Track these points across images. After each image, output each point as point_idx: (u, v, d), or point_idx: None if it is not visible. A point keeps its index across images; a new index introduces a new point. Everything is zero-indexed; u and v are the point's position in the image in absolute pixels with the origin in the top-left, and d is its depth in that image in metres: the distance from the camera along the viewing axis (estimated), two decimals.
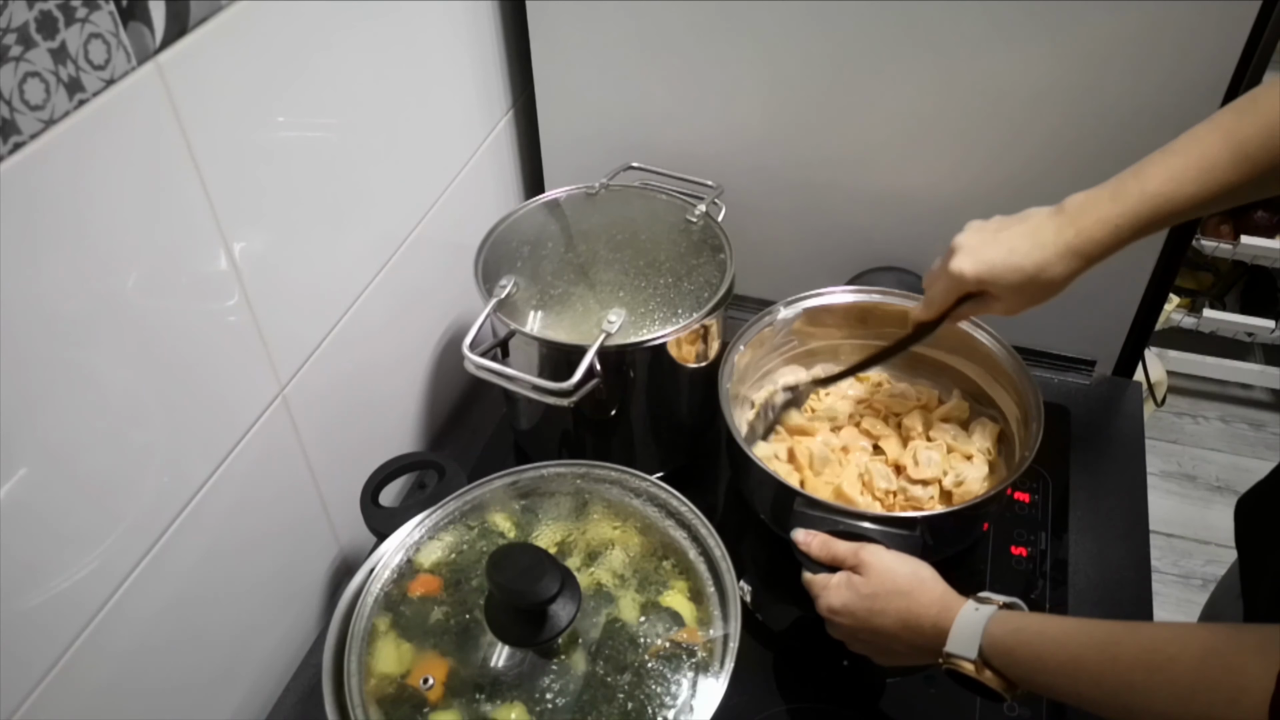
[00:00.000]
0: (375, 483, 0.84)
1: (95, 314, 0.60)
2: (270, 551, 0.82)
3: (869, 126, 0.99)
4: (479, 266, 0.91)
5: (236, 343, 0.73)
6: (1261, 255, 2.00)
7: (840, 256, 1.08)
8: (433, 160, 0.97)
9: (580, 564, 0.72)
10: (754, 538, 0.92)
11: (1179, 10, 0.84)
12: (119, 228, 0.60)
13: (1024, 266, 0.72)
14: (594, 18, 1.01)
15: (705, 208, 0.96)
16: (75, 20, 0.53)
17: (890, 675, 0.83)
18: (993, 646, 0.63)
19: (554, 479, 0.79)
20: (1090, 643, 0.58)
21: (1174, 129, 0.91)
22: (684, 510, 0.75)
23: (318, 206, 0.79)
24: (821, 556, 0.75)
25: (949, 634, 0.65)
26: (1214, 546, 1.98)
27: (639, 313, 0.87)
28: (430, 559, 0.73)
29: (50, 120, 0.53)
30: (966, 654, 0.64)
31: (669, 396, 0.94)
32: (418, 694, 0.65)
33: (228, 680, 0.80)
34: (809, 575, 0.76)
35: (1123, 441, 1.02)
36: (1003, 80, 0.92)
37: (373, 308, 0.89)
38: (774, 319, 0.95)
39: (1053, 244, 0.72)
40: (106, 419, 0.62)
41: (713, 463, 1.03)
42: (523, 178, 1.19)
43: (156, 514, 0.68)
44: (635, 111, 1.06)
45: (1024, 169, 0.97)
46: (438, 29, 0.94)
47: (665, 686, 0.64)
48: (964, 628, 0.65)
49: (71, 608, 0.62)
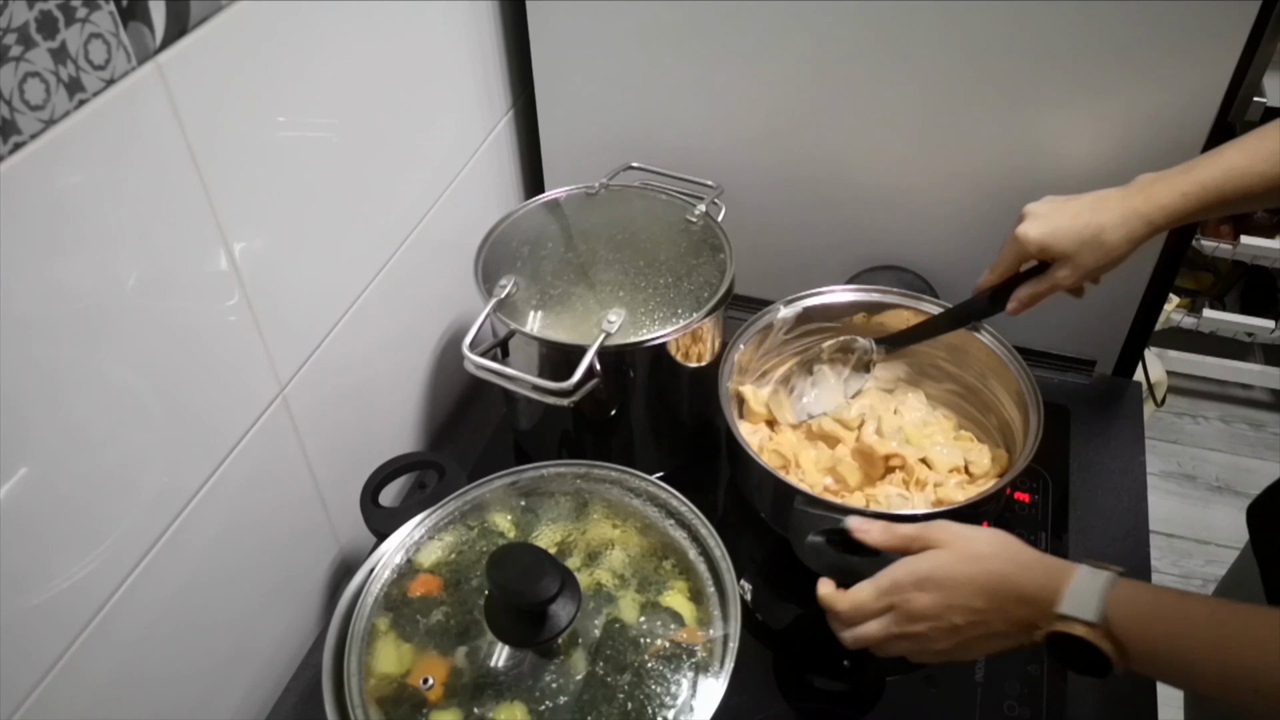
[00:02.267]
0: (375, 483, 0.84)
1: (95, 314, 0.60)
2: (269, 551, 0.82)
3: (869, 126, 0.99)
4: (479, 266, 0.91)
5: (237, 343, 0.73)
6: (1261, 255, 2.00)
7: (840, 256, 1.08)
8: (433, 160, 0.97)
9: (580, 564, 0.72)
10: (754, 538, 0.92)
11: (1179, 10, 0.84)
12: (119, 228, 0.60)
13: (1084, 228, 0.76)
14: (594, 18, 1.01)
15: (705, 208, 0.96)
16: (75, 20, 0.53)
17: (890, 675, 0.83)
18: (1120, 612, 0.58)
19: (554, 479, 0.79)
20: (1233, 625, 0.56)
21: (1174, 129, 0.91)
22: (684, 510, 0.75)
23: (318, 206, 0.79)
24: (885, 541, 0.69)
25: (1063, 594, 0.59)
26: (1214, 547, 1.98)
27: (639, 313, 0.87)
28: (430, 559, 0.73)
29: (50, 120, 0.53)
30: (1084, 615, 0.58)
31: (669, 396, 0.94)
32: (418, 694, 0.65)
33: (227, 680, 0.80)
34: (841, 597, 0.69)
35: (1123, 441, 1.02)
36: (1004, 81, 0.92)
37: (373, 307, 0.89)
38: (774, 318, 0.95)
39: (1117, 208, 0.75)
40: (106, 419, 0.62)
41: (713, 463, 1.03)
42: (523, 178, 1.19)
43: (156, 514, 0.68)
44: (635, 111, 1.06)
45: (1024, 170, 0.97)
46: (438, 29, 0.94)
47: (665, 686, 0.64)
48: (1083, 589, 0.59)
49: (71, 608, 0.62)
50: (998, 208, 1.01)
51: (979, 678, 0.82)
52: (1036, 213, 0.79)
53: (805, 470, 0.90)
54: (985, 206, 1.01)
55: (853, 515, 0.72)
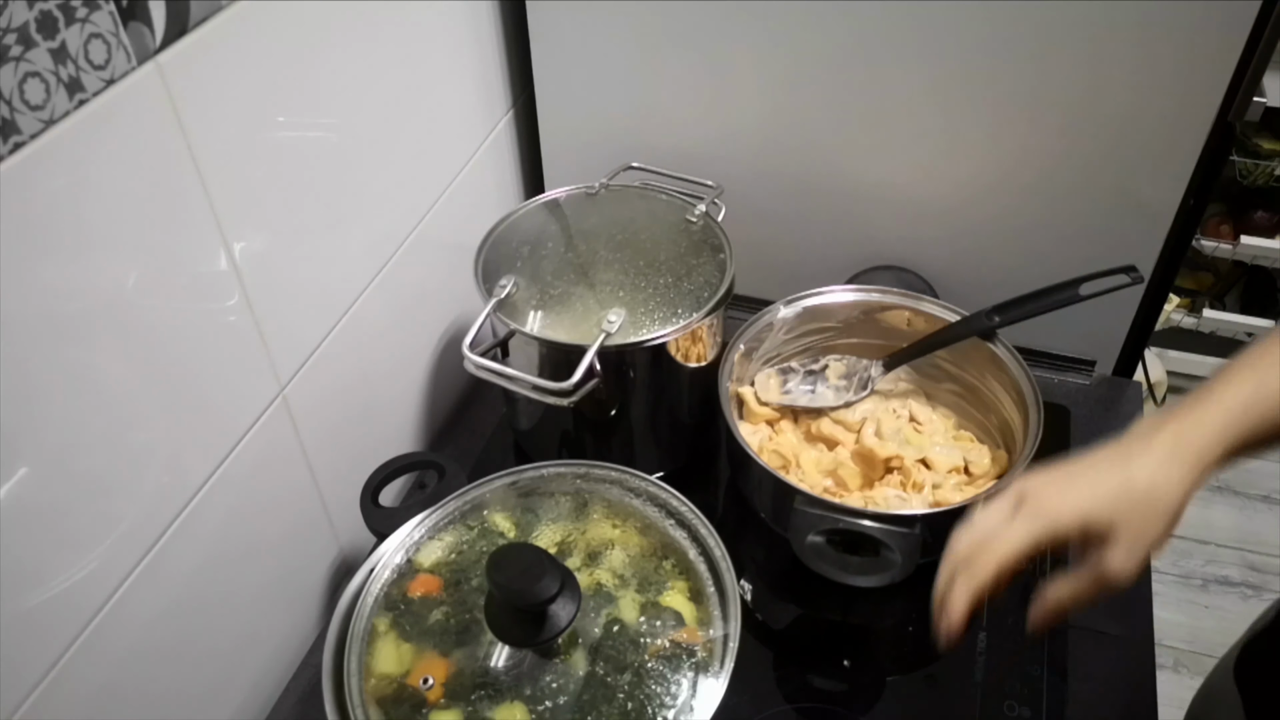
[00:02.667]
0: (375, 483, 0.84)
1: (95, 314, 0.59)
2: (270, 551, 0.82)
3: (869, 126, 0.99)
4: (479, 266, 0.91)
5: (236, 343, 0.73)
6: (1261, 255, 2.00)
7: (840, 256, 1.08)
8: (433, 160, 0.97)
9: (580, 564, 0.72)
10: (754, 538, 0.92)
11: (1179, 10, 0.84)
12: (119, 228, 0.60)
13: (1121, 484, 0.56)
14: (594, 18, 1.01)
15: (705, 208, 0.95)
16: (75, 20, 0.53)
17: (890, 675, 0.83)
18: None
19: (554, 479, 0.79)
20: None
21: (1174, 129, 0.91)
22: (684, 510, 0.75)
23: (318, 206, 0.79)
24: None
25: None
26: (1213, 546, 1.98)
27: (639, 313, 0.87)
28: (430, 559, 0.73)
29: (50, 120, 0.53)
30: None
31: (669, 396, 0.94)
32: (418, 694, 0.65)
33: (227, 680, 0.80)
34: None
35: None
36: (1003, 80, 0.92)
37: (373, 308, 0.89)
38: (774, 319, 0.95)
39: (1153, 450, 0.57)
40: (106, 419, 0.62)
41: (713, 463, 1.03)
42: (523, 178, 1.19)
43: (156, 514, 0.68)
44: (635, 111, 1.06)
45: (1024, 169, 0.97)
46: (438, 29, 0.94)
47: (665, 686, 0.64)
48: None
49: (71, 608, 0.62)
50: (998, 208, 1.01)
51: (979, 678, 0.82)
52: (1045, 482, 0.58)
53: (805, 470, 0.90)
54: (986, 206, 1.01)
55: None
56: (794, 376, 0.96)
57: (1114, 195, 0.96)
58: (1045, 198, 0.99)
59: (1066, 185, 0.97)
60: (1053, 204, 0.98)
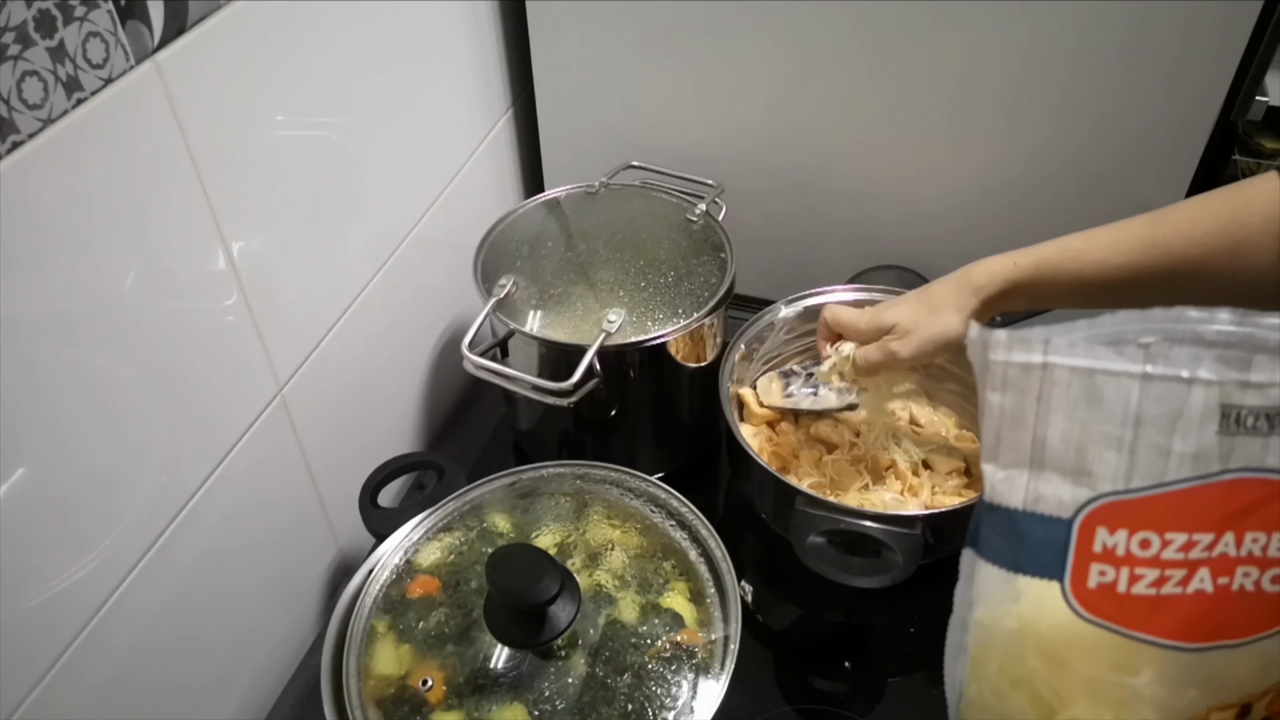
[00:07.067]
0: (374, 483, 0.84)
1: (93, 314, 0.59)
2: (268, 552, 0.82)
3: (870, 125, 0.99)
4: (478, 266, 0.90)
5: (235, 342, 0.73)
6: None
7: (841, 255, 1.08)
8: (432, 160, 0.97)
9: (580, 565, 0.72)
10: (754, 538, 0.92)
11: (1180, 10, 0.83)
12: (117, 227, 0.60)
13: (919, 296, 0.78)
14: (594, 18, 1.00)
15: (705, 207, 0.95)
16: (73, 19, 0.53)
17: (892, 676, 0.83)
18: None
19: (554, 479, 0.78)
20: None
21: (1177, 129, 0.91)
22: (684, 511, 0.75)
23: (317, 206, 0.79)
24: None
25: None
26: None
27: (639, 312, 0.86)
28: (429, 560, 0.73)
29: (48, 119, 0.53)
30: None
31: (669, 396, 0.94)
32: (417, 695, 0.64)
33: (225, 681, 0.80)
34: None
35: None
36: (1005, 80, 0.92)
37: (371, 307, 0.89)
38: (774, 318, 0.94)
39: (951, 278, 0.76)
40: (105, 419, 0.62)
41: (713, 463, 1.03)
42: (522, 177, 1.19)
43: (155, 514, 0.68)
44: (635, 111, 1.06)
45: (1025, 169, 0.97)
46: (437, 29, 0.93)
47: (665, 688, 0.64)
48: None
49: (70, 608, 0.62)
50: (998, 207, 1.01)
51: None
52: (887, 304, 0.80)
53: (806, 471, 0.90)
54: (988, 205, 1.01)
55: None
56: (795, 379, 0.95)
57: (1116, 195, 0.96)
58: (1047, 197, 0.98)
59: (1068, 185, 0.97)
60: (1054, 204, 0.98)
